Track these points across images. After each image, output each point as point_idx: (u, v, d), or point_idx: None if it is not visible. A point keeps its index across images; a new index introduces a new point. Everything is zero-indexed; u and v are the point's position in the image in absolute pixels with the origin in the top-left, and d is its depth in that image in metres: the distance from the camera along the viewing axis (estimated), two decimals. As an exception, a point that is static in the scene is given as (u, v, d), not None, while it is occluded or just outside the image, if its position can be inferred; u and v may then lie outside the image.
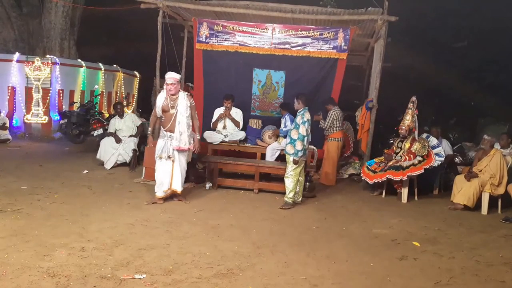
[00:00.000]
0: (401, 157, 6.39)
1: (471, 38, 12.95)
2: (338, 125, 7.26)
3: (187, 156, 5.44)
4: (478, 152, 6.48)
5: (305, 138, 5.47)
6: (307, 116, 5.52)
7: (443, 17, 13.00)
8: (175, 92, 5.16)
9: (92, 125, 9.00)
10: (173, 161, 5.23)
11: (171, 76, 5.16)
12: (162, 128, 5.32)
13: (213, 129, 7.55)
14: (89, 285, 2.94)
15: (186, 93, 5.31)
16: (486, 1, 11.69)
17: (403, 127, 6.49)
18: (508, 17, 11.23)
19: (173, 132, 5.16)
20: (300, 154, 5.47)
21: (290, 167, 5.56)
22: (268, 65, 8.00)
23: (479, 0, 11.72)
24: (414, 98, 6.55)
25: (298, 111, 5.56)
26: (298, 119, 5.53)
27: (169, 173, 5.24)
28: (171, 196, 5.41)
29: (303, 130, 5.43)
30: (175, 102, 5.17)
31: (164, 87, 5.27)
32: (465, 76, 12.59)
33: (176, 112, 5.15)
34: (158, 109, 5.26)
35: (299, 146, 5.43)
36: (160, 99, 5.25)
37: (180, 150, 5.24)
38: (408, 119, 6.48)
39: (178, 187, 5.32)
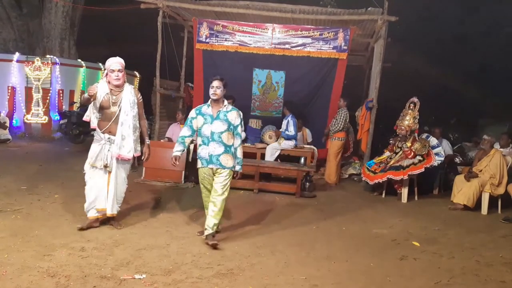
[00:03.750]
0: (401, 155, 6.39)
1: (472, 37, 12.96)
2: (344, 125, 7.29)
3: (128, 169, 4.24)
4: (478, 152, 6.48)
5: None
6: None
7: (444, 17, 13.00)
8: (122, 82, 4.04)
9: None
10: (109, 172, 4.07)
11: (118, 61, 4.04)
12: (98, 129, 4.11)
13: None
14: (89, 285, 2.94)
15: (132, 86, 4.23)
16: (487, 1, 11.69)
17: (403, 127, 6.45)
18: (508, 16, 11.23)
19: (114, 135, 4.03)
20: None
21: (226, 181, 4.00)
22: (268, 65, 8.01)
23: (480, 0, 11.72)
24: (416, 99, 6.50)
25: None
26: (234, 116, 4.09)
27: (104, 188, 4.08)
28: (108, 218, 4.19)
29: (242, 130, 4.22)
30: (119, 96, 4.03)
31: (104, 78, 4.07)
32: (465, 76, 12.59)
33: (120, 110, 4.02)
34: (97, 103, 4.01)
35: (241, 153, 4.19)
36: (102, 90, 3.99)
37: (121, 160, 4.08)
38: (408, 119, 6.45)
39: (111, 208, 4.08)
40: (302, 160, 6.86)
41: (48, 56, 11.33)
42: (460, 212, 5.88)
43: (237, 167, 4.11)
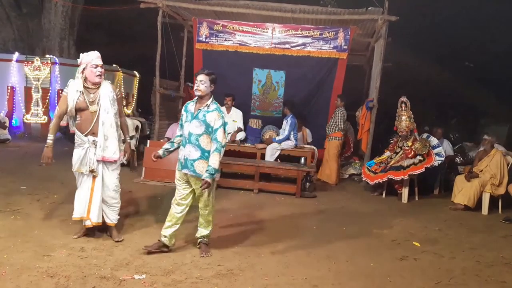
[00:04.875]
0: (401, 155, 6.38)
1: (472, 37, 12.94)
2: (341, 125, 7.28)
3: (118, 171, 3.89)
4: (478, 152, 6.48)
5: (223, 149, 3.62)
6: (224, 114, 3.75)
7: (444, 17, 12.99)
8: (102, 78, 3.76)
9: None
10: (94, 177, 3.76)
11: (99, 55, 3.75)
12: (78, 133, 3.76)
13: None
14: (88, 286, 2.93)
15: (109, 81, 3.90)
16: (488, 1, 11.69)
17: (402, 129, 6.47)
18: (508, 16, 11.22)
19: (97, 137, 3.72)
20: (218, 173, 3.68)
21: (205, 194, 3.61)
22: (268, 65, 8.00)
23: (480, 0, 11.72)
24: (404, 98, 6.53)
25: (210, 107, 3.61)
26: (213, 117, 3.55)
27: (87, 195, 3.76)
28: (105, 228, 3.92)
29: (222, 135, 3.56)
30: (96, 94, 3.72)
31: (79, 75, 3.73)
32: (466, 76, 12.59)
33: (99, 108, 3.71)
34: (71, 106, 3.68)
35: (217, 162, 3.52)
36: (74, 93, 3.67)
37: (106, 162, 3.77)
38: (405, 120, 6.46)
39: (95, 217, 3.75)
40: (302, 160, 6.85)
41: (47, 56, 11.32)
42: (460, 212, 5.87)
43: (205, 175, 3.45)
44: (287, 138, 7.12)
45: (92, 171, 3.73)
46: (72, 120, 3.83)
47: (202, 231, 3.76)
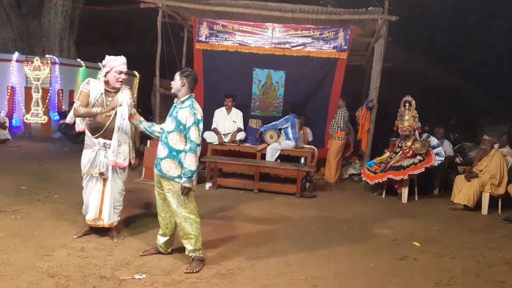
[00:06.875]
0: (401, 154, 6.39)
1: (472, 36, 12.95)
2: (342, 125, 7.28)
3: (125, 176, 3.89)
4: (478, 152, 6.48)
5: (199, 148, 3.33)
6: (200, 111, 3.35)
7: (444, 16, 13.00)
8: (122, 85, 3.78)
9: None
10: (105, 179, 3.78)
11: (125, 62, 3.74)
12: (89, 134, 3.77)
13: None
14: (88, 285, 2.93)
15: (128, 87, 3.88)
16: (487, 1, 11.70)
17: (404, 129, 6.47)
18: (508, 16, 11.23)
19: (109, 140, 3.70)
20: (195, 176, 3.33)
21: (181, 201, 3.31)
22: (268, 65, 7.99)
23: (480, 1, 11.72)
24: (409, 98, 6.53)
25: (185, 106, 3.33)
26: (185, 114, 3.29)
27: (98, 197, 3.79)
28: (105, 229, 3.90)
29: (195, 133, 3.27)
30: (114, 98, 3.71)
31: (101, 77, 3.72)
32: (466, 76, 12.60)
33: (115, 113, 3.67)
34: (90, 106, 3.65)
35: (193, 163, 3.25)
36: (95, 91, 3.67)
37: (117, 167, 3.77)
38: (408, 119, 6.46)
39: (107, 218, 3.79)
40: (302, 160, 6.86)
41: (47, 55, 11.31)
42: (460, 212, 5.88)
43: (182, 179, 3.22)
44: (276, 126, 7.14)
45: (102, 174, 3.74)
46: (81, 119, 3.83)
47: (186, 245, 3.40)
